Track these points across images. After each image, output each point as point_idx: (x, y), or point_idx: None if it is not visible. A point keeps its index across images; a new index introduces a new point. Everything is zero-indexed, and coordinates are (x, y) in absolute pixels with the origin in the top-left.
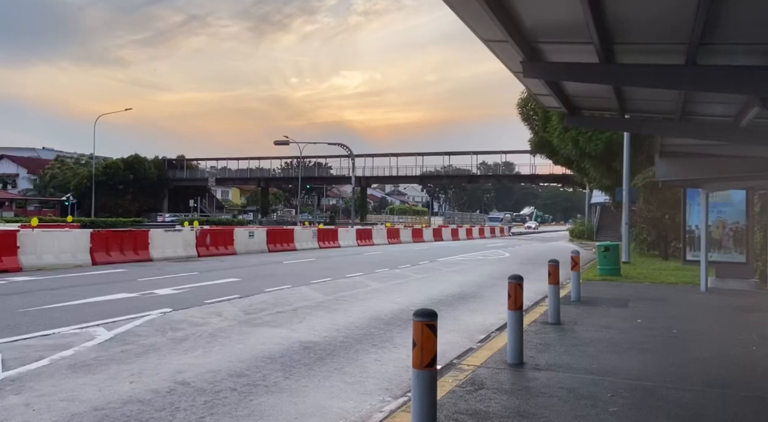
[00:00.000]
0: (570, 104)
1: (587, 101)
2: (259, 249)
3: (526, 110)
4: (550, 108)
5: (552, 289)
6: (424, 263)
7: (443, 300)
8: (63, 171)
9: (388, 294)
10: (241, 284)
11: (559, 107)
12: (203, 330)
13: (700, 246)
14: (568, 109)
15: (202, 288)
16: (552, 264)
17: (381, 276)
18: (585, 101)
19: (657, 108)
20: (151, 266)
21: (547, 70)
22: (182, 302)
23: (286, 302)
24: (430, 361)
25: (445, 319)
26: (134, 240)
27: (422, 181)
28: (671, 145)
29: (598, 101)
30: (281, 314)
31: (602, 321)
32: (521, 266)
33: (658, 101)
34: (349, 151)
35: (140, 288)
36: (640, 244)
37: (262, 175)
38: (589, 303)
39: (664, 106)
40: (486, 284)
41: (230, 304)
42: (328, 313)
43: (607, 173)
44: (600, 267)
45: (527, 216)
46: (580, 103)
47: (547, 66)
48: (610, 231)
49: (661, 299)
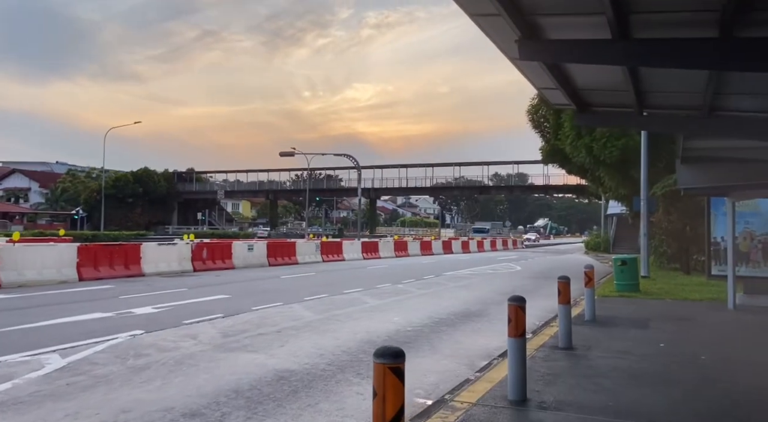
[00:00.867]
0: (580, 100)
1: (599, 95)
2: (259, 263)
3: (536, 117)
4: (558, 105)
5: (562, 310)
6: (430, 277)
7: (444, 320)
8: (74, 184)
9: (386, 312)
10: (229, 302)
11: (568, 104)
12: (170, 357)
13: (727, 260)
14: (578, 105)
15: (185, 307)
16: (562, 281)
17: (381, 292)
18: (597, 95)
19: (680, 102)
20: (141, 282)
21: (548, 50)
22: (158, 323)
23: (271, 322)
24: (396, 415)
25: (443, 342)
26: (125, 254)
27: (433, 192)
28: (694, 148)
29: (612, 95)
30: (262, 336)
31: (620, 345)
32: (533, 280)
33: (682, 93)
34: (355, 162)
35: (118, 307)
36: (659, 257)
37: (271, 187)
38: (604, 323)
39: (689, 100)
40: (493, 301)
41: (210, 325)
42: (316, 335)
43: (624, 182)
44: (617, 282)
45: (541, 227)
46: (591, 97)
47: (548, 45)
48: (627, 244)
49: (685, 318)
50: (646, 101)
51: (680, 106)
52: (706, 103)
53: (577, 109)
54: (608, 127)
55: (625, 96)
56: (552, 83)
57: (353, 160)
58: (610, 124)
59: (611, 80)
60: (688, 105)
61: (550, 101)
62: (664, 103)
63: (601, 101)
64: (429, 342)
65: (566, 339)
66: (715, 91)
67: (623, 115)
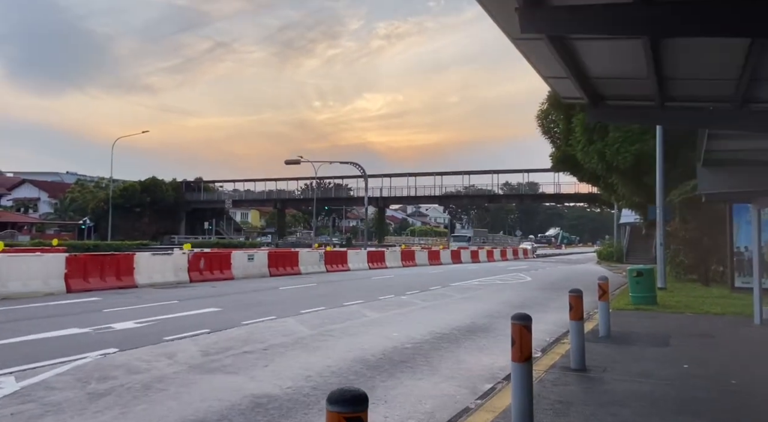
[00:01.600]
0: (593, 92)
1: (615, 85)
2: (259, 273)
3: (546, 123)
4: (569, 99)
5: (574, 327)
6: (436, 288)
7: (447, 335)
8: (83, 194)
9: (385, 326)
10: (219, 315)
11: (579, 97)
12: (137, 381)
13: (753, 271)
14: (592, 98)
15: (171, 321)
16: (573, 295)
17: (383, 305)
18: (612, 85)
19: (708, 92)
20: (132, 293)
21: (554, 19)
22: (136, 339)
23: (260, 338)
24: None
25: (444, 360)
26: (117, 264)
27: (442, 201)
28: (718, 150)
29: (630, 85)
30: (247, 355)
31: (639, 366)
32: (543, 292)
33: (712, 81)
34: (361, 170)
35: (98, 322)
36: (675, 268)
37: (279, 196)
38: (621, 340)
39: (719, 89)
40: (501, 314)
41: (192, 342)
42: (305, 353)
43: (637, 189)
44: (632, 294)
45: (552, 237)
46: (606, 88)
47: (554, 12)
48: (640, 253)
49: (708, 335)
50: (669, 91)
51: (708, 97)
52: (738, 93)
53: (590, 103)
54: (625, 123)
55: (644, 85)
56: (562, 70)
57: (360, 168)
58: (627, 120)
59: (629, 66)
60: (718, 95)
61: (560, 94)
62: (690, 94)
63: (617, 93)
64: (428, 361)
65: (579, 360)
66: (752, 77)
67: (642, 110)
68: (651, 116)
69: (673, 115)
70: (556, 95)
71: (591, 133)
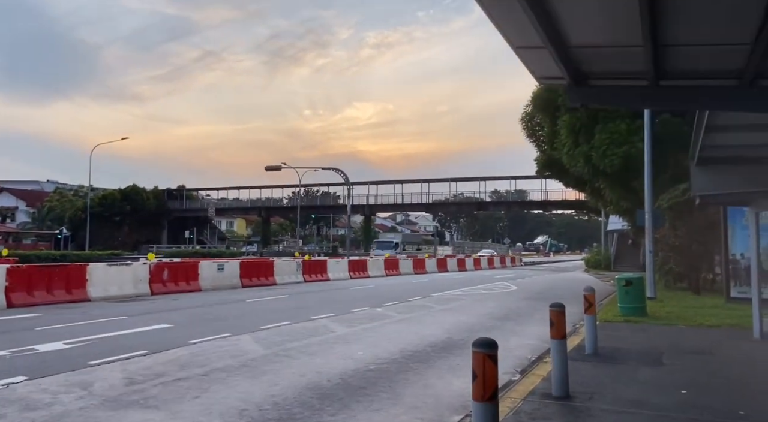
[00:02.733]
0: (576, 67)
1: (603, 58)
2: (230, 284)
3: (531, 125)
4: (547, 79)
5: (556, 346)
6: (416, 299)
7: (419, 353)
8: (62, 203)
9: (352, 344)
10: (166, 333)
11: (560, 77)
12: (29, 421)
13: (750, 281)
14: (574, 76)
15: (108, 341)
16: (555, 310)
17: (354, 318)
18: (599, 58)
19: (712, 64)
20: (79, 308)
21: None
22: (55, 365)
23: (202, 361)
24: None
25: (410, 385)
26: (67, 276)
27: (429, 208)
28: (715, 146)
29: (620, 57)
30: (179, 383)
31: (630, 391)
32: (529, 302)
33: (718, 46)
34: (344, 177)
35: (23, 342)
36: (665, 275)
37: (263, 204)
38: (609, 358)
39: (725, 60)
40: (482, 327)
41: (120, 367)
42: (250, 379)
43: (625, 194)
44: (621, 305)
45: (540, 245)
46: (591, 63)
47: None
48: (628, 261)
49: (705, 351)
50: (666, 64)
51: (711, 71)
52: (750, 66)
53: (572, 82)
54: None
55: (636, 58)
56: (537, 37)
57: (342, 174)
58: (615, 101)
59: (620, 29)
60: (723, 69)
61: (535, 73)
62: (690, 69)
63: (603, 69)
64: (391, 386)
65: (562, 386)
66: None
67: (632, 90)
68: (643, 97)
69: (669, 94)
70: (531, 73)
71: (577, 135)
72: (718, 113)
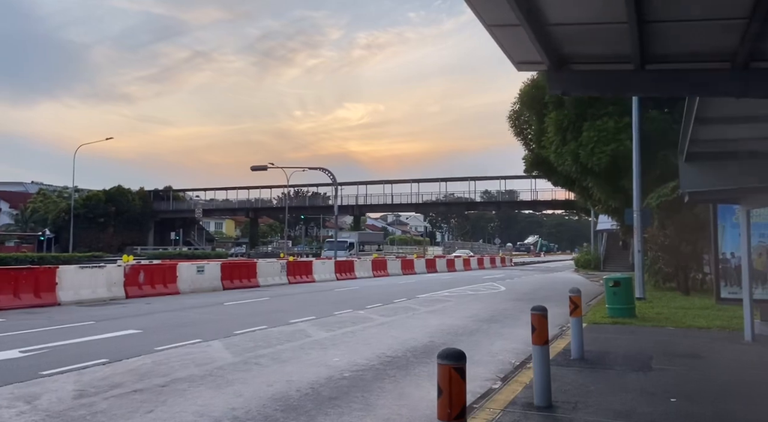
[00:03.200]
0: (556, 50)
1: (585, 38)
2: (211, 286)
3: (519, 123)
4: (525, 64)
5: (538, 353)
6: (401, 301)
7: (398, 359)
8: (45, 204)
9: (329, 349)
10: (133, 339)
11: (539, 62)
12: None
13: (741, 281)
14: (554, 59)
15: (67, 349)
16: (536, 313)
17: (335, 322)
18: (581, 39)
19: (703, 46)
20: (46, 313)
21: None
22: (3, 376)
23: (164, 370)
24: None
25: (385, 395)
26: (35, 280)
27: (419, 208)
28: (706, 140)
29: (603, 36)
30: (134, 396)
31: (617, 400)
32: (516, 303)
33: (711, 22)
34: (331, 177)
35: None
36: (654, 275)
37: (252, 205)
38: (595, 363)
39: (718, 40)
40: (466, 330)
41: (75, 378)
42: (212, 390)
43: (614, 193)
44: (609, 306)
45: (531, 245)
46: (572, 45)
47: None
48: (618, 260)
49: (695, 355)
50: (653, 46)
51: (702, 53)
52: (745, 45)
53: (552, 67)
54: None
55: (620, 38)
56: (511, 13)
57: (329, 174)
58: (598, 88)
59: (601, 2)
60: (715, 50)
61: (512, 57)
62: (679, 50)
63: (586, 51)
64: (365, 396)
65: (544, 394)
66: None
67: (616, 75)
68: (629, 82)
69: (656, 79)
70: (509, 59)
71: (564, 132)
72: (709, 104)
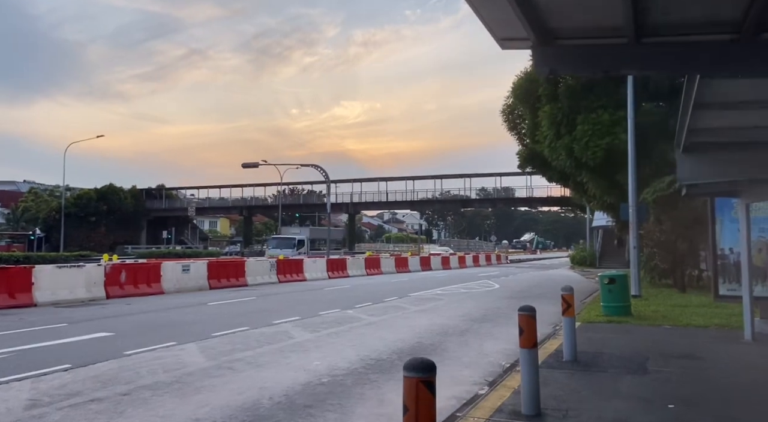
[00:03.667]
0: (542, 23)
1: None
2: (197, 286)
3: (512, 117)
4: (508, 41)
5: (526, 357)
6: (392, 300)
7: (383, 362)
8: (36, 203)
9: (310, 352)
10: (102, 342)
11: (524, 37)
12: None
13: (741, 277)
14: (540, 34)
15: (31, 353)
16: (524, 314)
17: (320, 322)
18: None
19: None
20: (19, 314)
21: None
22: None
23: (130, 377)
24: None
25: (363, 402)
26: (9, 280)
27: (415, 206)
28: (705, 129)
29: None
30: (90, 406)
31: (610, 407)
32: (509, 301)
33: None
34: (324, 175)
35: None
36: (650, 272)
37: (246, 203)
38: (589, 364)
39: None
40: (456, 329)
41: (31, 384)
42: (177, 399)
43: (609, 189)
44: (604, 304)
45: (527, 242)
46: (560, 16)
47: None
48: (614, 257)
49: (693, 356)
50: (648, 16)
51: (704, 24)
52: (753, 12)
53: (538, 43)
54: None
55: (613, 5)
56: None
57: (322, 171)
58: (588, 65)
59: None
60: (718, 20)
61: (494, 31)
62: (677, 19)
63: (574, 24)
64: (342, 404)
65: (532, 402)
66: None
67: (609, 50)
68: (622, 58)
69: (652, 54)
70: (492, 35)
71: (558, 126)
72: (708, 87)
